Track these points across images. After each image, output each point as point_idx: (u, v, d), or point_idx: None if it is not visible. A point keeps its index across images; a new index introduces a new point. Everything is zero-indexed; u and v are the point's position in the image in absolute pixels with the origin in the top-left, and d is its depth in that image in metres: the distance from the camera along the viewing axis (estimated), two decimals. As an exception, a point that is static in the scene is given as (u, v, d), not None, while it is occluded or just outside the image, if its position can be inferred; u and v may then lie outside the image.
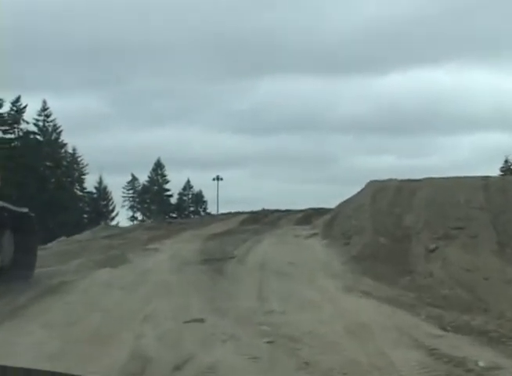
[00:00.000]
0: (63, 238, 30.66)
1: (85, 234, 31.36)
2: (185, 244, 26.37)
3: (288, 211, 37.69)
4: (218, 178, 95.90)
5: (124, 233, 30.32)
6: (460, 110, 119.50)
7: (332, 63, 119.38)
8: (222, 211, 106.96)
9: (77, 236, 30.56)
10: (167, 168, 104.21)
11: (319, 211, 36.12)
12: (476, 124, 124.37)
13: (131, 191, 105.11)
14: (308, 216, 34.55)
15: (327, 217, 31.82)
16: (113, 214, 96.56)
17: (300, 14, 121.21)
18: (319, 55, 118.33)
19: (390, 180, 32.56)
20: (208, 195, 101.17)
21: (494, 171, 79.96)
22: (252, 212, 38.60)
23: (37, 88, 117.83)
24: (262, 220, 33.87)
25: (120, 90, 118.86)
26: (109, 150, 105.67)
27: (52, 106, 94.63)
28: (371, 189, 30.20)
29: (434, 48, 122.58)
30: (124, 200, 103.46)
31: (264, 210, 40.29)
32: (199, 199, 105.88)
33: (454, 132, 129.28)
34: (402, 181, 32.08)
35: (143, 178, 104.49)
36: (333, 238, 26.64)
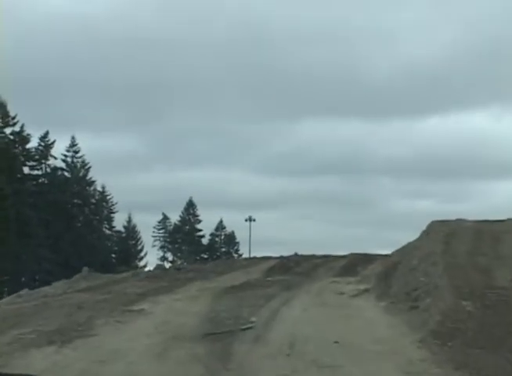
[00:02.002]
0: (25, 291, 22.21)
1: (58, 285, 22.93)
2: (186, 304, 17.81)
3: (326, 257, 28.99)
4: (250, 219, 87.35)
5: (110, 284, 21.84)
6: (501, 155, 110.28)
7: (372, 105, 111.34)
8: (254, 252, 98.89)
9: (46, 289, 22.18)
10: (200, 208, 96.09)
11: (365, 258, 27.34)
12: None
13: (161, 231, 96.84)
14: (353, 264, 25.76)
15: (379, 267, 23.08)
16: (142, 254, 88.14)
17: (341, 55, 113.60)
18: (360, 97, 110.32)
19: (459, 221, 23.82)
20: (241, 236, 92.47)
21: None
22: (282, 257, 29.88)
23: (69, 124, 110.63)
24: (294, 269, 25.14)
25: (157, 129, 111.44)
26: (141, 188, 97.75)
27: (84, 143, 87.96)
28: (439, 232, 21.47)
29: (475, 92, 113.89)
30: (155, 240, 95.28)
31: (296, 255, 31.43)
32: (231, 240, 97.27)
33: (494, 177, 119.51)
34: (477, 222, 23.37)
35: (175, 217, 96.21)
36: (393, 299, 17.89)
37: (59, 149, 79.73)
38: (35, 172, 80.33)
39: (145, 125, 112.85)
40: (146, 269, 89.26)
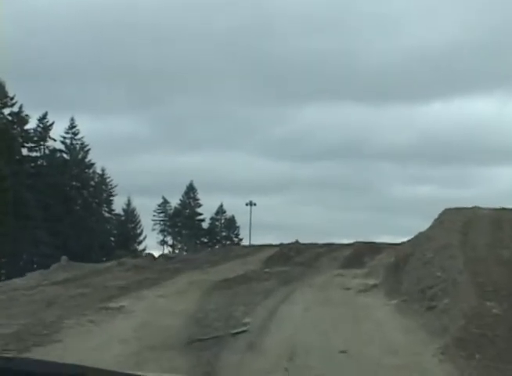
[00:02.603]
0: (-6, 282, 19.80)
1: (33, 276, 20.56)
2: (171, 301, 15.45)
3: (329, 246, 26.58)
4: (251, 204, 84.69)
5: (90, 276, 19.41)
6: (504, 141, 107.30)
7: (375, 90, 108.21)
8: (255, 236, 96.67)
9: (17, 280, 19.75)
10: (200, 192, 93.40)
11: (371, 248, 24.97)
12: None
13: (162, 214, 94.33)
14: (358, 255, 23.38)
15: (388, 259, 20.73)
16: (141, 237, 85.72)
17: (343, 41, 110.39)
18: (362, 82, 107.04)
19: (475, 209, 21.43)
20: (241, 220, 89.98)
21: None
22: (282, 245, 27.49)
23: (69, 106, 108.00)
24: (295, 258, 22.70)
25: (158, 112, 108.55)
26: (141, 172, 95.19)
27: (84, 125, 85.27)
28: (454, 221, 19.09)
29: (479, 77, 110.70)
30: (155, 224, 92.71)
31: (297, 243, 29.02)
32: (231, 224, 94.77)
33: (497, 163, 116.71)
34: (494, 210, 20.98)
35: (175, 201, 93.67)
36: (406, 296, 15.53)
37: (58, 130, 77.19)
38: (34, 154, 77.78)
39: (146, 109, 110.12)
40: (145, 252, 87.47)
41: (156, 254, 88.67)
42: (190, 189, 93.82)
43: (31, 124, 74.40)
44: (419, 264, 16.74)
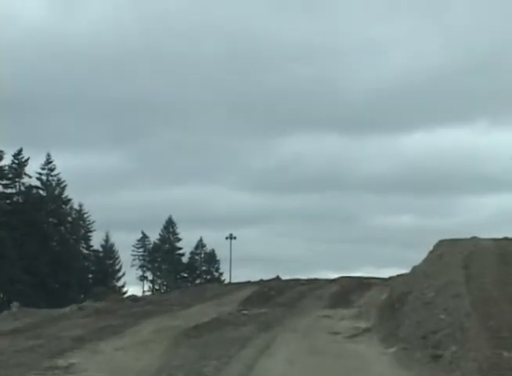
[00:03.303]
0: None
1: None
2: (132, 355, 12.88)
3: (312, 282, 24.09)
4: (231, 237, 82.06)
5: (43, 324, 16.68)
6: (486, 170, 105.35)
7: (357, 120, 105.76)
8: (235, 270, 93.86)
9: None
10: (180, 226, 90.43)
11: (358, 283, 22.53)
12: (500, 185, 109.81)
13: (141, 250, 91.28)
14: (345, 292, 20.90)
15: (380, 297, 18.32)
16: (120, 273, 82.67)
17: (326, 70, 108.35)
18: (345, 112, 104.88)
19: (473, 240, 19.07)
20: (221, 254, 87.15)
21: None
22: (262, 282, 25.01)
23: (45, 142, 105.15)
24: (275, 299, 20.14)
25: (136, 146, 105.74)
26: (120, 207, 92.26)
27: (61, 161, 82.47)
28: (454, 254, 16.69)
29: (461, 107, 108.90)
30: (134, 259, 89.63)
31: (278, 279, 26.54)
32: (211, 258, 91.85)
33: (478, 192, 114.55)
34: (495, 241, 18.64)
35: (154, 236, 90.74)
36: (405, 343, 13.06)
37: (33, 166, 74.40)
38: (9, 191, 74.88)
39: (124, 143, 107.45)
40: (124, 289, 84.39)
41: (136, 290, 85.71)
42: (169, 224, 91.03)
43: (6, 161, 71.67)
44: (418, 304, 14.31)
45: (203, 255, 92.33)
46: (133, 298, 21.05)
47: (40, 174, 76.05)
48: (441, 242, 18.94)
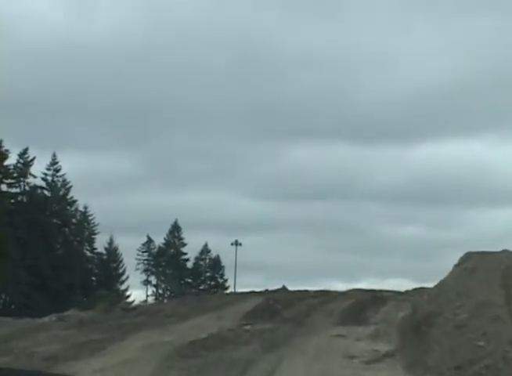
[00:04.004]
0: None
1: None
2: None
3: (322, 294, 21.81)
4: (236, 243, 79.83)
5: (17, 336, 14.31)
6: (494, 184, 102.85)
7: (366, 130, 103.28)
8: (240, 276, 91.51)
9: None
10: (186, 231, 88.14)
11: (372, 297, 20.23)
12: (509, 199, 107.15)
13: (145, 254, 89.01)
14: (359, 307, 18.59)
15: (397, 314, 16.02)
16: (124, 277, 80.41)
17: (337, 80, 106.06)
18: (354, 122, 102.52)
19: (506, 252, 16.76)
20: (226, 260, 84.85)
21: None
22: (267, 292, 22.74)
23: (52, 142, 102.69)
24: (282, 313, 17.80)
25: (144, 149, 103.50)
26: (126, 210, 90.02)
27: (67, 162, 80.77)
28: (488, 269, 14.37)
29: (471, 120, 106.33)
30: (138, 263, 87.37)
31: (284, 289, 24.24)
32: (216, 264, 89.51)
33: (485, 205, 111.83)
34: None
35: (159, 240, 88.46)
36: (436, 374, 10.79)
37: (39, 167, 72.38)
38: (13, 190, 72.86)
39: (131, 146, 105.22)
40: (128, 292, 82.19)
41: (140, 294, 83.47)
42: (175, 228, 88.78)
43: (11, 160, 69.62)
44: (449, 327, 12.01)
45: (208, 261, 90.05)
46: (124, 307, 18.70)
47: (45, 174, 74.11)
48: (468, 255, 16.64)
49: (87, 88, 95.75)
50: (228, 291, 77.23)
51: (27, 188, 73.21)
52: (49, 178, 74.64)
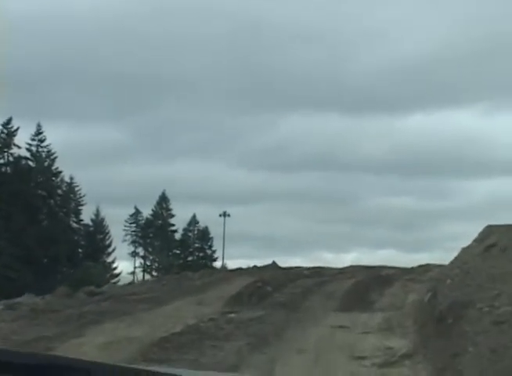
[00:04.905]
0: None
1: None
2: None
3: (317, 272, 18.96)
4: (224, 215, 76.97)
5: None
6: (484, 154, 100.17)
7: (354, 101, 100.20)
8: (228, 248, 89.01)
9: None
10: (174, 202, 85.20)
11: (373, 275, 17.41)
12: (498, 170, 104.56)
13: (133, 225, 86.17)
14: (360, 288, 15.78)
15: (408, 296, 13.23)
16: (110, 249, 77.67)
17: (328, 52, 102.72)
18: (342, 93, 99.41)
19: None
20: (215, 232, 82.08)
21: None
22: (256, 268, 19.95)
23: (37, 112, 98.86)
24: (273, 295, 14.95)
25: (133, 121, 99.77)
26: (113, 181, 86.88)
27: (54, 133, 77.71)
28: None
29: (461, 90, 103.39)
30: (126, 234, 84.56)
31: (275, 265, 21.42)
32: (205, 235, 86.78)
33: (475, 176, 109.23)
34: None
35: (147, 211, 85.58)
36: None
37: (23, 137, 69.28)
38: (-4, 161, 69.85)
39: (119, 116, 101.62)
40: (115, 264, 79.44)
41: (127, 265, 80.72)
42: (163, 200, 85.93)
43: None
44: (486, 323, 9.20)
45: (196, 232, 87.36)
46: (89, 290, 15.81)
47: (30, 145, 71.04)
48: (490, 228, 13.83)
49: (73, 57, 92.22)
50: (213, 266, 74.91)
51: (10, 159, 70.24)
52: (34, 148, 71.56)
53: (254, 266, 21.17)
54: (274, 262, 21.95)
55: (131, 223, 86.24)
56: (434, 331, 10.27)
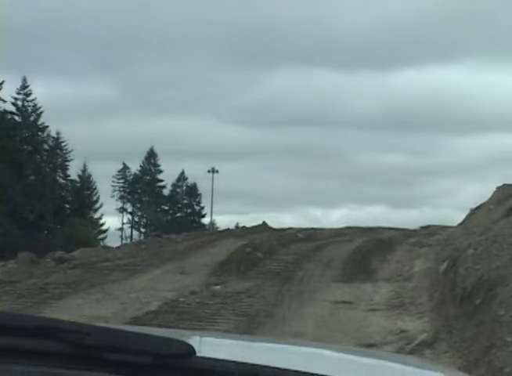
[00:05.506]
0: None
1: None
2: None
3: (312, 234, 17.10)
4: (213, 171, 74.91)
5: None
6: (474, 111, 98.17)
7: (345, 57, 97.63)
8: (217, 204, 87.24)
9: None
10: (162, 158, 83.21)
11: (373, 239, 15.54)
12: (489, 125, 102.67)
13: (121, 181, 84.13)
14: (361, 254, 13.95)
15: (415, 264, 11.40)
16: (98, 205, 75.71)
17: (316, 6, 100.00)
18: (333, 48, 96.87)
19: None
20: (203, 188, 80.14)
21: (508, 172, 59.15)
22: (245, 229, 18.11)
23: (25, 67, 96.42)
24: (264, 262, 13.05)
25: (121, 76, 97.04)
26: (101, 136, 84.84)
27: (41, 87, 75.26)
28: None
29: (450, 46, 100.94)
30: (114, 190, 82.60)
31: (265, 225, 19.55)
32: (193, 191, 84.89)
33: (465, 132, 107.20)
34: None
35: (135, 167, 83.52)
36: None
37: (8, 91, 66.70)
38: (-19, 116, 67.33)
39: (107, 72, 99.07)
40: (102, 220, 77.60)
41: (115, 221, 78.56)
42: (151, 155, 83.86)
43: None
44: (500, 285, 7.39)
45: (184, 188, 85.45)
46: (58, 257, 13.82)
47: (15, 99, 68.55)
48: (506, 188, 11.93)
49: (61, 12, 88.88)
50: (202, 222, 73.27)
51: (-5, 114, 67.73)
52: (19, 103, 69.10)
53: (243, 227, 19.33)
54: (264, 223, 20.07)
55: (119, 179, 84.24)
56: (458, 313, 8.42)
